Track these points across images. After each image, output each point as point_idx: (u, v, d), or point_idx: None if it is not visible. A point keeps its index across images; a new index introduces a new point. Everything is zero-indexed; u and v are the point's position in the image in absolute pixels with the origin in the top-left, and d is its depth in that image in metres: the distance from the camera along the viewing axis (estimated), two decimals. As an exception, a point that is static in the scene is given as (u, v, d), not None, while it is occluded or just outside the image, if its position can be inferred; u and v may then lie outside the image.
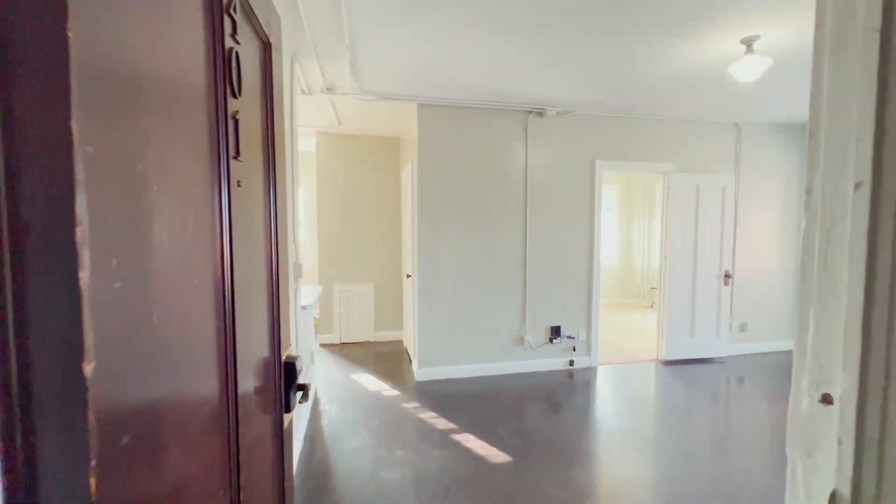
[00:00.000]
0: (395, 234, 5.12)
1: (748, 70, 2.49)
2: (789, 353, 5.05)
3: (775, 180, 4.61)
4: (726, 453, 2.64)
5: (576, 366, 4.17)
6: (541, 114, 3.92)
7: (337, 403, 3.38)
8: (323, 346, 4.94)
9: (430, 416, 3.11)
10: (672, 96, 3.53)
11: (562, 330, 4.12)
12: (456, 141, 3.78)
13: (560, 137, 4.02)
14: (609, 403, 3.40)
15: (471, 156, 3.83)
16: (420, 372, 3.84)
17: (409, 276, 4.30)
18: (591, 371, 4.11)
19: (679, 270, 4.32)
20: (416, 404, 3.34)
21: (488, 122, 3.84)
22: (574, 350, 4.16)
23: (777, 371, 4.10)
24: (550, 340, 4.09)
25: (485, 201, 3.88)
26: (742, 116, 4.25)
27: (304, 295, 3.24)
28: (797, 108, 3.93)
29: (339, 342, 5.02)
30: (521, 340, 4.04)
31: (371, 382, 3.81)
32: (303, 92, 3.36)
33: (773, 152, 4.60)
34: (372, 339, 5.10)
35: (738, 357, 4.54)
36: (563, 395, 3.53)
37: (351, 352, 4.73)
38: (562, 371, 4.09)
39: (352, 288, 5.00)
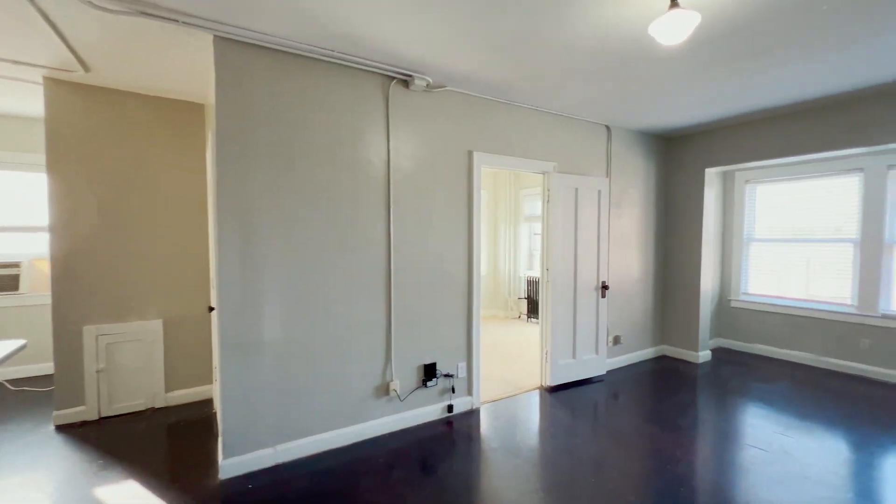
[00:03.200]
0: (200, 247, 3.52)
1: (673, 29, 1.92)
2: (656, 360, 5.11)
3: (636, 187, 4.56)
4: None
5: (455, 411, 3.28)
6: (406, 83, 2.94)
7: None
8: (62, 428, 3.02)
9: (229, 566, 1.78)
10: (563, 75, 2.94)
11: (437, 368, 3.19)
12: (283, 105, 2.53)
13: (431, 118, 3.10)
14: (501, 464, 2.57)
15: (307, 130, 2.61)
16: (228, 465, 2.42)
17: (211, 308, 2.82)
18: (473, 415, 3.26)
19: (560, 284, 3.83)
20: (208, 537, 1.95)
21: (334, 84, 2.69)
22: (453, 391, 3.26)
23: (656, 382, 3.91)
24: (424, 384, 3.12)
25: (329, 197, 2.71)
26: (612, 118, 4.01)
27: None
28: (659, 116, 3.82)
29: (96, 417, 3.16)
30: (385, 389, 2.96)
31: (135, 501, 2.23)
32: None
33: (637, 158, 4.54)
34: (162, 405, 3.38)
35: (614, 372, 4.29)
36: (444, 462, 2.58)
37: (118, 432, 2.96)
38: (439, 421, 3.15)
39: (121, 330, 3.21)
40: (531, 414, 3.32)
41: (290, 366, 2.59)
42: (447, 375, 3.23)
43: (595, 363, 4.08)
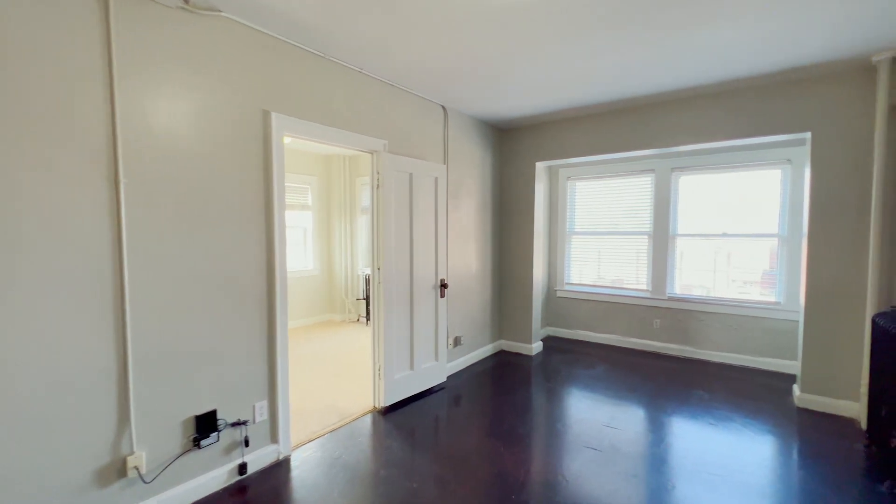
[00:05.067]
0: None
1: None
2: (494, 356, 4.52)
3: (474, 178, 4.31)
4: None
5: (252, 469, 2.38)
6: (145, -14, 1.89)
7: None
8: None
9: None
10: (386, 21, 2.31)
11: (220, 416, 2.23)
12: None
13: (200, 56, 2.10)
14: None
15: None
16: None
17: None
18: (280, 470, 2.41)
19: (395, 285, 3.25)
20: None
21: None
22: (246, 445, 2.35)
23: (495, 382, 3.68)
24: (196, 444, 2.13)
25: (-23, 157, 1.50)
26: (448, 98, 3.61)
27: None
28: (494, 101, 3.59)
29: None
30: (120, 469, 1.88)
31: None
32: None
33: (475, 147, 4.28)
34: None
35: (455, 376, 3.95)
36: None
37: None
38: (224, 492, 2.20)
39: None
40: (360, 452, 2.64)
41: None
42: (237, 424, 2.30)
43: (435, 371, 3.65)
